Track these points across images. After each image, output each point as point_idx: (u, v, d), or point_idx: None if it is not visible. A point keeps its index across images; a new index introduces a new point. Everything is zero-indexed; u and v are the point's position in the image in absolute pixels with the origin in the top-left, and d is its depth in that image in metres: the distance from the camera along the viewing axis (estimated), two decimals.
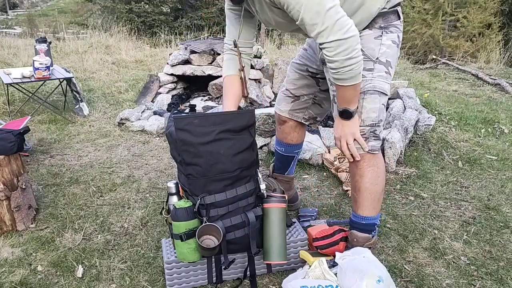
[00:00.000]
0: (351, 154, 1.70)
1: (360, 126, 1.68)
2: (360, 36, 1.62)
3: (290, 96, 2.02)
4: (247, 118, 1.69)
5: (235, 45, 1.78)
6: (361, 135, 1.68)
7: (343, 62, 1.47)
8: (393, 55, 1.69)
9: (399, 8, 1.69)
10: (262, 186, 1.74)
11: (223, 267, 1.71)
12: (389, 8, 1.65)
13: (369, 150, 1.69)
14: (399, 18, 1.69)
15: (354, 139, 1.68)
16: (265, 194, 1.74)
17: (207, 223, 1.62)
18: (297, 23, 1.47)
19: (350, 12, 1.57)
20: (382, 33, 1.65)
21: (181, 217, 1.63)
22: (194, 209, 1.63)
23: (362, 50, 1.62)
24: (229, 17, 1.81)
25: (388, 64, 1.67)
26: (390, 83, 1.72)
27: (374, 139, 1.70)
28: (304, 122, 2.07)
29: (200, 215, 1.65)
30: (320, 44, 1.47)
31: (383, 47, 1.65)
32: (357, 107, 1.65)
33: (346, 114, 1.64)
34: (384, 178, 1.77)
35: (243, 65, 1.83)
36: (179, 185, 1.77)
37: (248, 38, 1.84)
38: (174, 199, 1.75)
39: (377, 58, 1.65)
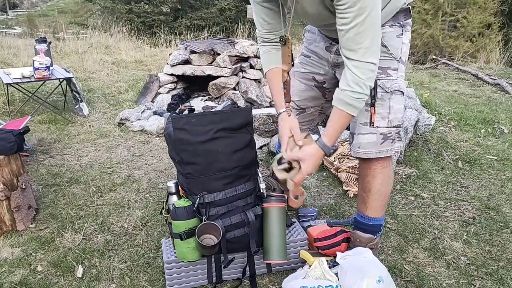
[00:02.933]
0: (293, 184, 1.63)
1: (387, 127, 1.63)
2: (383, 33, 1.56)
3: (296, 109, 1.94)
4: (244, 116, 1.69)
5: (285, 42, 1.57)
6: (389, 136, 1.65)
7: (369, 88, 1.41)
8: (407, 54, 1.67)
9: (410, 7, 1.67)
10: (262, 186, 1.74)
11: (222, 266, 1.72)
12: (407, 5, 1.63)
13: (395, 152, 1.67)
14: (411, 16, 1.67)
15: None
16: (265, 194, 1.74)
17: (207, 222, 1.62)
18: (346, 27, 1.34)
19: (383, 2, 1.50)
20: (402, 31, 1.61)
21: (181, 216, 1.63)
22: (194, 208, 1.64)
23: (386, 47, 1.58)
24: (259, 10, 1.65)
25: (405, 64, 1.66)
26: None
27: (398, 140, 1.69)
28: (310, 133, 2.04)
29: (199, 214, 1.65)
30: (355, 61, 1.37)
31: (404, 46, 1.62)
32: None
33: (333, 153, 1.58)
34: (392, 180, 1.77)
35: (290, 56, 1.63)
36: (179, 185, 1.77)
37: (281, 27, 1.68)
38: (173, 199, 1.75)
39: (400, 58, 1.62)
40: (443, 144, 3.33)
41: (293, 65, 1.64)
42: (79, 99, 4.13)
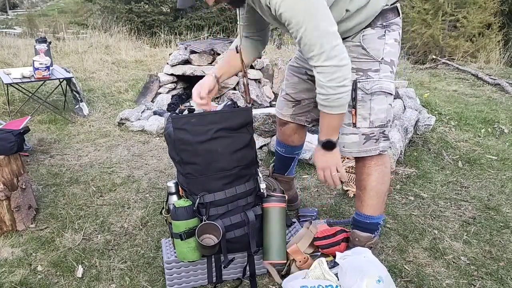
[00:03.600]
0: (332, 184, 1.67)
1: (369, 127, 1.67)
2: (363, 36, 1.62)
3: (291, 101, 1.99)
4: (244, 116, 1.69)
5: (237, 51, 1.79)
6: (371, 136, 1.67)
7: (335, 89, 1.46)
8: (396, 54, 1.68)
9: (398, 5, 1.68)
10: (262, 186, 1.74)
11: (222, 265, 1.72)
12: (390, 5, 1.64)
13: (380, 151, 1.69)
14: (399, 15, 1.68)
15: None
16: (265, 194, 1.74)
17: (207, 222, 1.62)
18: (295, 41, 1.46)
19: (357, 9, 1.56)
20: (385, 32, 1.64)
21: (181, 216, 1.63)
22: (194, 208, 1.64)
23: (366, 49, 1.62)
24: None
25: (392, 64, 1.66)
26: (394, 82, 1.72)
27: (384, 140, 1.70)
28: (307, 125, 2.06)
29: (199, 214, 1.65)
30: (316, 67, 1.45)
31: (387, 46, 1.64)
32: (338, 137, 1.64)
33: (329, 145, 1.62)
34: (389, 178, 1.78)
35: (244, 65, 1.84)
36: (179, 185, 1.77)
37: (260, 26, 1.83)
38: (173, 199, 1.75)
39: (382, 58, 1.63)
40: (443, 144, 3.33)
41: (245, 73, 1.83)
42: (79, 99, 4.13)
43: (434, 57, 7.58)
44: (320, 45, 1.41)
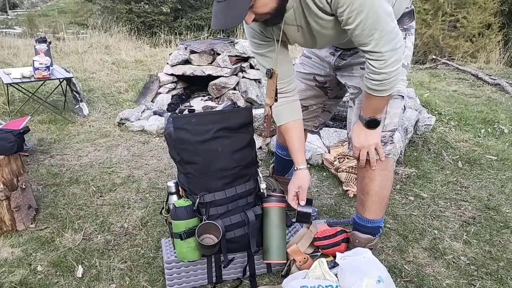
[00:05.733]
0: (368, 161, 1.64)
1: (382, 131, 1.63)
2: None
3: None
4: (244, 116, 1.69)
5: (271, 75, 1.57)
6: (381, 140, 1.64)
7: (390, 74, 1.39)
8: (410, 58, 1.66)
9: (413, 7, 1.66)
10: (262, 186, 1.74)
11: (222, 265, 1.72)
12: (409, 8, 1.62)
13: (385, 155, 1.67)
14: (414, 18, 1.65)
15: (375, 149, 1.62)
16: (265, 194, 1.74)
17: (207, 221, 1.62)
18: (352, 26, 1.33)
19: None
20: (406, 35, 1.60)
21: (181, 216, 1.63)
22: (194, 208, 1.64)
23: None
24: (260, 60, 1.65)
25: (407, 67, 1.64)
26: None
27: (390, 143, 1.69)
28: (314, 130, 2.03)
29: (199, 214, 1.65)
30: (372, 53, 1.36)
31: (406, 49, 1.59)
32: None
33: (374, 123, 1.56)
34: (392, 182, 1.76)
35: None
36: (179, 185, 1.77)
37: (289, 72, 1.66)
38: (174, 198, 1.75)
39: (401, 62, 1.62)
40: (443, 144, 3.33)
41: (276, 100, 1.63)
42: (79, 99, 4.13)
43: (434, 57, 7.57)
44: (382, 28, 1.31)
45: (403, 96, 1.64)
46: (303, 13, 1.41)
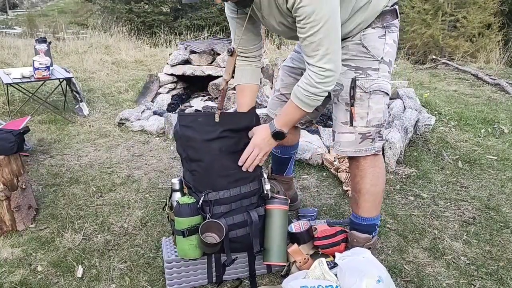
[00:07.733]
0: (249, 164, 1.67)
1: (366, 126, 1.66)
2: (364, 35, 1.63)
3: (285, 101, 1.93)
4: (249, 119, 1.75)
5: (232, 53, 1.74)
6: (367, 136, 1.67)
7: (322, 92, 1.50)
8: (394, 55, 1.69)
9: (397, 7, 1.69)
10: (267, 187, 1.75)
11: (226, 263, 1.72)
12: (390, 6, 1.65)
13: (375, 151, 1.69)
14: (397, 17, 1.69)
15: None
16: (269, 195, 1.74)
17: (210, 220, 1.62)
18: (303, 36, 1.43)
19: (358, 9, 1.56)
20: (385, 32, 1.64)
21: (184, 213, 1.63)
22: (198, 206, 1.64)
23: (366, 48, 1.62)
24: (232, 24, 1.77)
25: (390, 64, 1.67)
26: (390, 83, 1.72)
27: (379, 140, 1.70)
28: (300, 127, 2.06)
29: (203, 212, 1.65)
30: (313, 65, 1.46)
31: (386, 46, 1.64)
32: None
33: (280, 136, 1.64)
34: (384, 179, 1.77)
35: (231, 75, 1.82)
36: (184, 182, 1.78)
37: (254, 41, 1.79)
38: (177, 195, 1.76)
39: (382, 58, 1.64)
40: (443, 144, 3.33)
41: (232, 77, 1.79)
42: (79, 99, 4.13)
43: (434, 57, 7.58)
44: (328, 46, 1.42)
45: (386, 93, 1.66)
46: (267, 4, 1.52)
